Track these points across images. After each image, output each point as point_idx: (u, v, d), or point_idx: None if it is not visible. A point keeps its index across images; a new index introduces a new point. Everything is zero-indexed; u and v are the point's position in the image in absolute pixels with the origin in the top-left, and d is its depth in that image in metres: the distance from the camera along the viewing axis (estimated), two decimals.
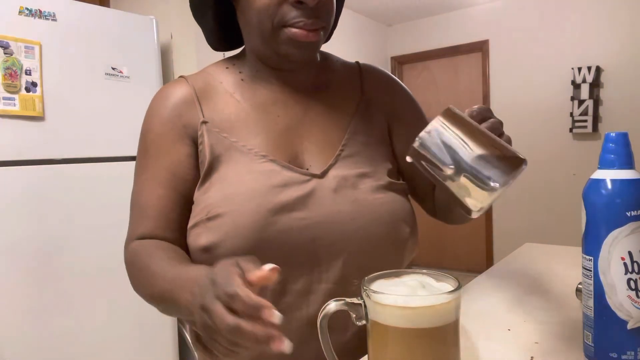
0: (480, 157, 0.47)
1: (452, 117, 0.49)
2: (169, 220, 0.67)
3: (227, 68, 0.75)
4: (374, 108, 0.76)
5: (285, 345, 0.40)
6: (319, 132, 0.71)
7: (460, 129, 0.48)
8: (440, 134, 0.48)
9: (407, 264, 0.75)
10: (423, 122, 0.79)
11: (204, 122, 0.68)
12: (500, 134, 0.54)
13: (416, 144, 0.49)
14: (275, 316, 0.41)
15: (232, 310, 0.42)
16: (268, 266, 0.45)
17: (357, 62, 0.82)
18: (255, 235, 0.60)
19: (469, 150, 0.47)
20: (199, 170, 0.69)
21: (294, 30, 0.63)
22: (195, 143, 0.69)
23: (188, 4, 0.74)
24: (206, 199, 0.65)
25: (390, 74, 0.83)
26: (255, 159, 0.66)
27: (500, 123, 0.54)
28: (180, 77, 0.75)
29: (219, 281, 0.45)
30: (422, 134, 0.49)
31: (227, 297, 0.42)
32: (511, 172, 0.47)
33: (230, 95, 0.72)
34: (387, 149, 0.76)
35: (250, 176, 0.64)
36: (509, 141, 0.54)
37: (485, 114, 0.53)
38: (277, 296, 0.64)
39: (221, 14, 0.73)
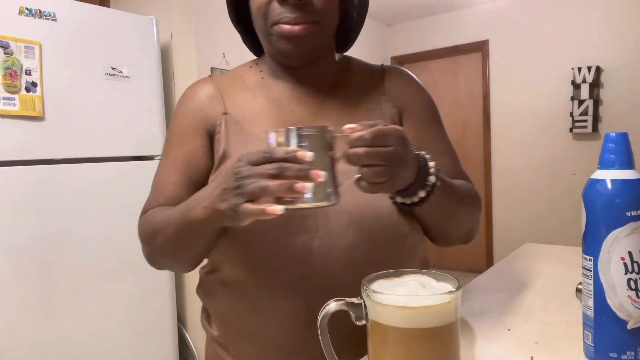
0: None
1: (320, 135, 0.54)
2: (180, 202, 0.71)
3: (250, 67, 0.81)
4: (390, 105, 0.78)
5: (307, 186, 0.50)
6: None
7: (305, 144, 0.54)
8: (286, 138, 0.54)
9: (419, 261, 0.76)
10: (429, 120, 0.80)
11: (225, 113, 0.74)
12: (371, 164, 0.55)
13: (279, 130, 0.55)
14: (309, 155, 0.51)
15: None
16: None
17: (382, 64, 0.84)
18: None
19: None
20: (212, 160, 0.75)
21: (282, 25, 0.68)
22: (211, 136, 0.75)
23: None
24: None
25: (411, 73, 0.84)
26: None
27: (366, 155, 0.54)
28: (209, 76, 0.82)
29: (248, 155, 0.54)
30: (278, 131, 0.55)
31: (264, 153, 0.52)
32: (315, 202, 0.53)
33: (250, 91, 0.77)
34: None
35: None
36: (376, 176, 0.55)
37: (371, 142, 0.54)
38: (277, 254, 0.67)
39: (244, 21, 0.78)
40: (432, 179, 0.62)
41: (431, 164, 0.63)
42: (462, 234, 0.79)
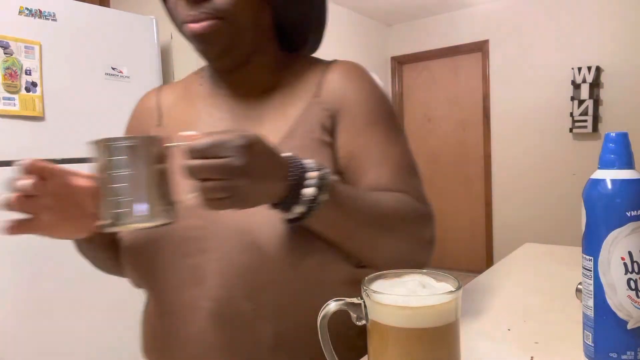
0: (134, 188, 0.49)
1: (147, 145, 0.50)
2: None
3: (195, 74, 0.80)
4: (322, 107, 0.69)
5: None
6: None
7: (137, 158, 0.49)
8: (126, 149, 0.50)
9: (341, 283, 0.64)
10: (369, 123, 0.69)
11: (157, 125, 0.75)
12: (206, 179, 0.48)
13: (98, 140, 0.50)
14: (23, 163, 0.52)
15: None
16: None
17: (333, 60, 0.75)
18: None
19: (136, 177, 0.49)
20: None
21: (187, 24, 0.64)
22: None
23: None
24: None
25: (359, 69, 0.73)
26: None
27: (199, 167, 0.48)
28: (160, 86, 0.83)
29: None
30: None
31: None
32: (144, 222, 0.49)
33: (188, 100, 0.76)
34: (327, 152, 0.68)
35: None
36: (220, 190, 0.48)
37: (205, 153, 0.48)
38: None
39: None
40: (307, 191, 0.53)
41: (312, 174, 0.54)
42: (396, 257, 0.65)
